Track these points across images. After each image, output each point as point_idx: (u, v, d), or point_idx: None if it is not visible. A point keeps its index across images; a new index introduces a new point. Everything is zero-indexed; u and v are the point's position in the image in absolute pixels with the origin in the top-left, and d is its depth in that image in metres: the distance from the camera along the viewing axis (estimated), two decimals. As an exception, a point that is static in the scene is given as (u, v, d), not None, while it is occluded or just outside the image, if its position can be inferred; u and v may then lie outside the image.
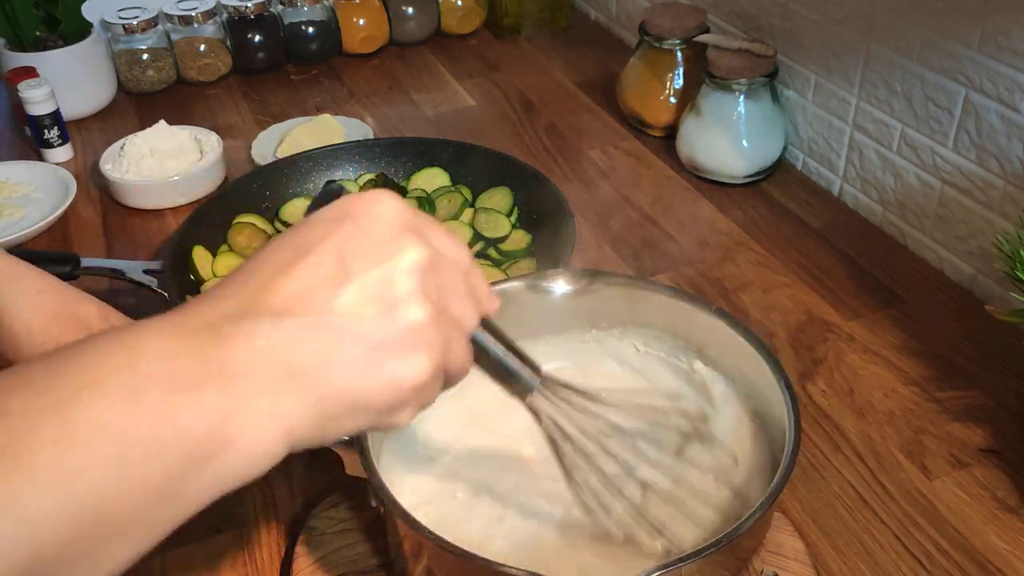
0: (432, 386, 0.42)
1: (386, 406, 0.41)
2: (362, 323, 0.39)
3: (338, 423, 0.40)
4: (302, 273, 0.39)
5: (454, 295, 0.43)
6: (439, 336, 0.41)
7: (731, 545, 0.49)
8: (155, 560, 0.68)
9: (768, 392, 0.60)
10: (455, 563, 0.51)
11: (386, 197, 0.42)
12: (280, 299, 0.39)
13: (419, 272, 0.41)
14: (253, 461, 0.38)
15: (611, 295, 0.67)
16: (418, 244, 0.41)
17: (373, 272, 0.40)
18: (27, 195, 1.12)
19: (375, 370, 0.40)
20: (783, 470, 0.52)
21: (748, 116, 1.06)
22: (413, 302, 0.40)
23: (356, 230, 0.41)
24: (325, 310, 0.39)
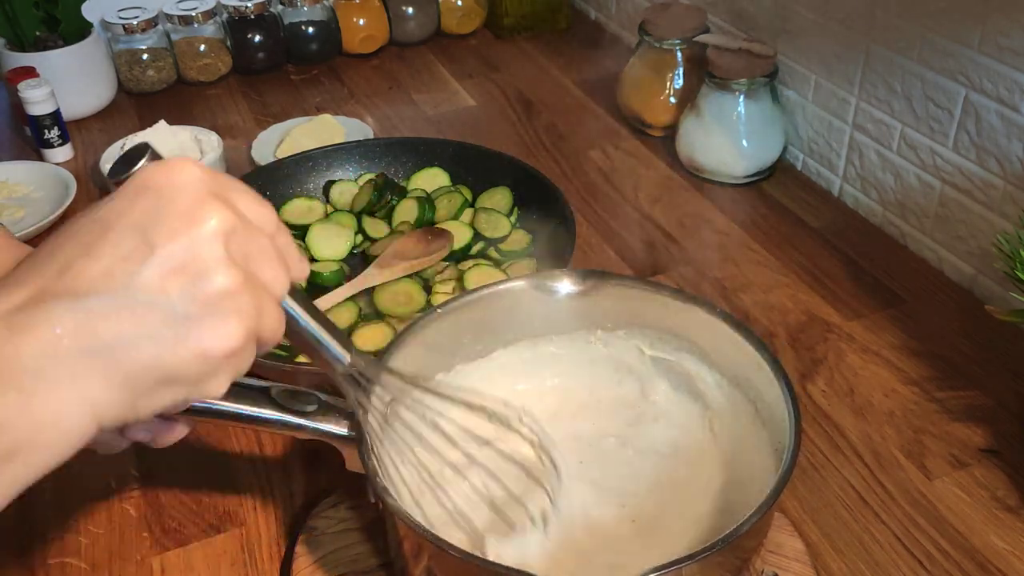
0: (245, 352, 0.42)
1: (197, 376, 0.40)
2: (166, 296, 0.39)
3: (149, 398, 0.40)
4: (102, 251, 0.39)
5: (263, 260, 0.43)
6: (249, 301, 0.41)
7: (732, 545, 0.49)
8: (155, 560, 0.68)
9: (769, 393, 0.60)
10: (454, 563, 0.51)
11: (186, 165, 0.42)
12: (81, 281, 0.38)
13: (223, 238, 0.40)
14: (59, 450, 0.38)
15: (616, 296, 0.67)
16: (221, 210, 0.41)
17: (176, 243, 0.39)
18: (27, 195, 1.12)
19: (182, 342, 0.39)
20: (783, 471, 0.52)
21: (748, 116, 1.06)
22: (219, 269, 0.40)
23: (157, 202, 0.40)
24: (127, 286, 0.38)
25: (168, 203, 0.40)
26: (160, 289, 0.39)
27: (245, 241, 0.42)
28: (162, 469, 0.75)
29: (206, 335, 0.39)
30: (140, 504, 0.72)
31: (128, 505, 0.72)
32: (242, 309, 0.40)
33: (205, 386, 0.41)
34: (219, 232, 0.40)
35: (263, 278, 0.42)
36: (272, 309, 0.43)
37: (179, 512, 0.72)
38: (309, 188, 1.04)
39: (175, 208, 0.40)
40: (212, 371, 0.41)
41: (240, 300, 0.40)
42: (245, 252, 0.41)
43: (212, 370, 0.41)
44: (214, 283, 0.39)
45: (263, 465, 0.75)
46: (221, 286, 0.40)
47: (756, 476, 0.59)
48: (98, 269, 0.38)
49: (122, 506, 0.72)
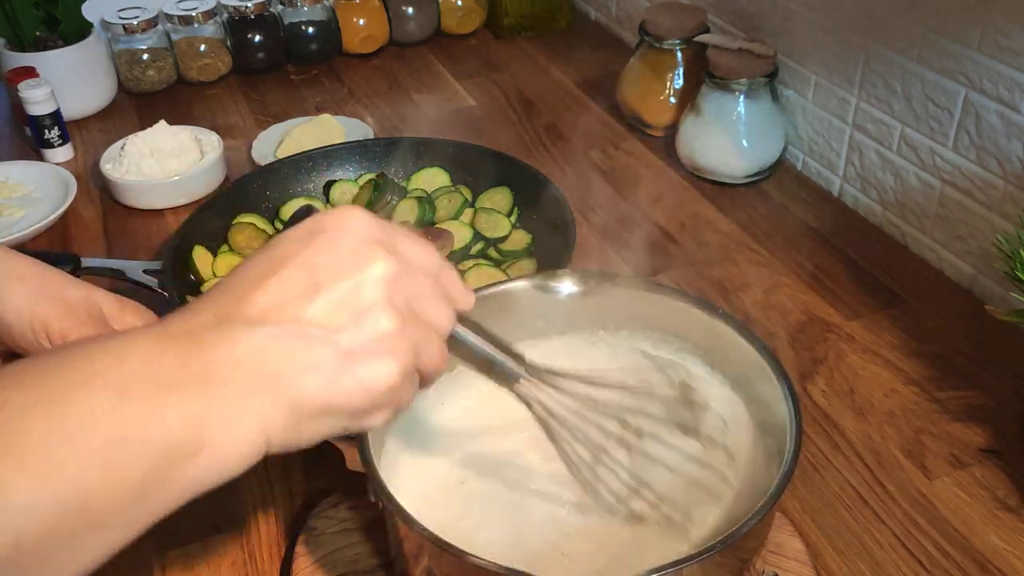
0: (404, 388, 0.45)
1: (358, 409, 0.43)
2: (332, 331, 0.42)
3: (313, 425, 0.42)
4: (275, 286, 0.42)
5: (426, 300, 0.46)
6: (406, 342, 0.44)
7: (732, 546, 0.49)
8: (155, 560, 0.68)
9: (770, 395, 0.59)
10: (454, 563, 0.51)
11: (355, 212, 0.45)
12: (255, 310, 0.41)
13: (386, 283, 0.43)
14: (230, 461, 0.40)
15: (619, 296, 0.67)
16: (385, 257, 0.44)
17: (342, 284, 0.42)
18: (27, 195, 1.12)
19: (345, 375, 0.42)
20: (784, 472, 0.52)
21: (748, 116, 1.06)
22: (380, 311, 0.43)
23: (326, 245, 0.43)
24: (297, 319, 0.41)
25: (336, 247, 0.43)
26: (326, 324, 0.42)
27: (408, 284, 0.44)
28: (162, 469, 0.75)
29: (366, 372, 0.42)
30: (140, 504, 0.72)
31: (128, 505, 0.72)
32: (399, 349, 0.43)
33: (366, 419, 0.44)
34: (382, 276, 0.43)
35: (427, 317, 0.45)
36: (434, 345, 0.46)
37: (179, 512, 0.71)
38: (309, 188, 1.04)
39: (342, 251, 0.43)
40: (373, 405, 0.44)
41: (397, 340, 0.43)
42: (407, 295, 0.44)
43: (372, 404, 0.43)
44: (374, 324, 0.43)
45: (263, 465, 0.75)
46: (381, 328, 0.43)
47: (757, 479, 0.59)
48: (270, 301, 0.42)
49: (122, 506, 0.72)
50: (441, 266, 0.48)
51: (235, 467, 0.41)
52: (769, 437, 0.60)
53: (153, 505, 0.39)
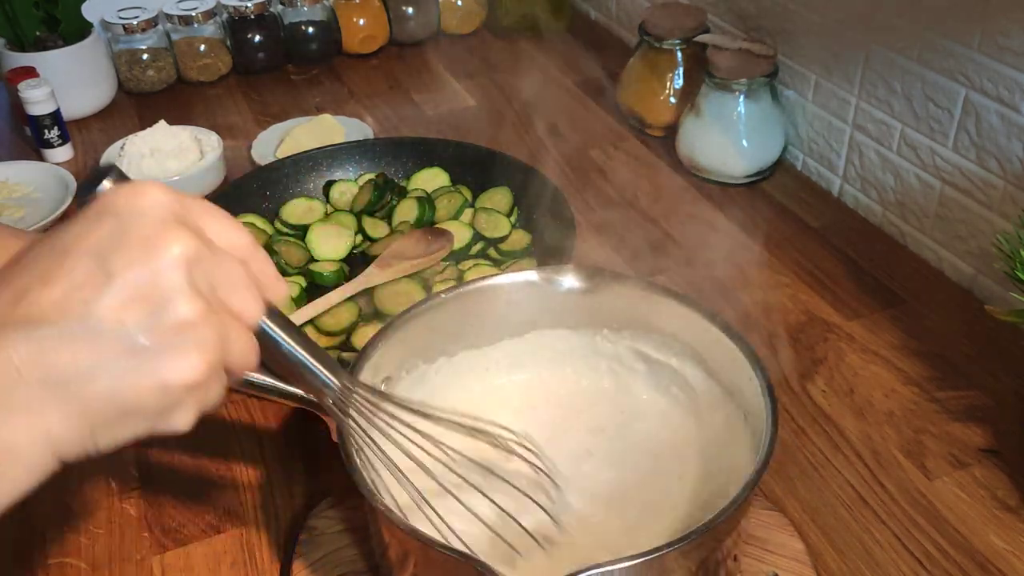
0: (210, 384, 0.40)
1: (158, 409, 0.39)
2: (123, 327, 0.37)
3: (110, 431, 0.39)
4: (59, 279, 0.37)
5: (232, 287, 0.41)
6: (212, 332, 0.39)
7: (699, 543, 0.50)
8: (155, 560, 0.68)
9: (755, 401, 0.59)
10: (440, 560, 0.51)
11: (149, 188, 0.40)
12: (36, 309, 0.37)
13: (186, 266, 0.39)
14: (18, 481, 0.37)
15: (622, 296, 0.68)
16: (185, 237, 0.39)
17: (135, 271, 0.38)
18: (27, 195, 1.12)
19: (140, 374, 0.38)
20: (757, 467, 0.53)
21: (748, 116, 1.06)
22: (179, 299, 0.38)
23: (117, 227, 0.38)
24: (83, 316, 0.37)
25: (128, 229, 0.38)
26: (117, 319, 0.37)
27: (212, 269, 0.40)
28: (162, 469, 0.75)
29: (165, 368, 0.38)
30: (140, 504, 0.72)
31: (128, 505, 0.72)
32: (204, 340, 0.39)
33: (169, 419, 0.40)
34: (181, 260, 0.39)
35: (233, 306, 0.41)
36: (242, 337, 0.42)
37: (179, 512, 0.72)
38: (309, 188, 1.04)
39: (135, 234, 0.38)
40: (174, 404, 0.40)
41: (202, 331, 0.39)
42: (211, 280, 0.40)
43: (174, 403, 0.39)
44: (174, 314, 0.38)
45: (263, 465, 0.75)
46: (181, 317, 0.38)
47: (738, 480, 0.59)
48: (53, 297, 0.37)
49: (122, 506, 0.72)
50: (252, 248, 0.43)
51: (23, 486, 0.38)
52: (753, 441, 0.60)
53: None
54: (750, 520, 0.66)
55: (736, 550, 0.58)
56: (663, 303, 0.66)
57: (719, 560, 0.55)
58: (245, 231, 0.44)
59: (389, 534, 0.55)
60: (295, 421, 0.79)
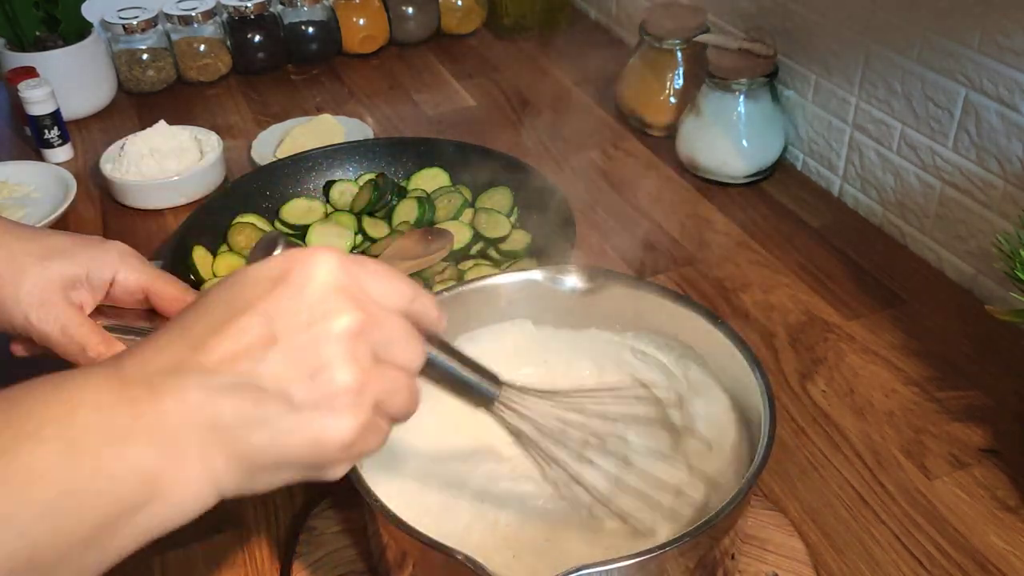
0: (365, 439, 0.43)
1: (312, 463, 0.43)
2: (285, 387, 0.40)
3: (266, 476, 0.42)
4: (232, 334, 0.41)
5: (395, 345, 0.44)
6: (367, 397, 0.42)
7: (705, 533, 0.50)
8: (155, 560, 0.68)
9: (755, 400, 0.59)
10: (437, 559, 0.51)
11: (323, 257, 0.43)
12: (211, 359, 0.40)
13: (348, 337, 0.42)
14: (182, 510, 0.40)
15: (625, 297, 0.68)
16: (350, 309, 0.42)
17: (300, 337, 0.41)
18: (27, 195, 1.12)
19: (296, 432, 0.41)
20: (757, 462, 0.53)
21: (748, 116, 1.06)
22: (338, 367, 0.41)
23: (288, 293, 0.42)
24: (252, 372, 0.40)
25: (298, 296, 0.42)
26: (280, 379, 0.40)
27: (375, 333, 0.43)
28: (162, 469, 0.75)
29: (319, 429, 0.41)
30: (140, 504, 0.72)
31: (128, 505, 0.72)
32: (358, 405, 0.42)
33: (323, 472, 0.43)
34: (344, 331, 0.42)
35: (397, 361, 0.44)
36: (404, 390, 0.45)
37: (179, 512, 0.71)
38: (309, 188, 1.04)
39: (304, 302, 0.42)
40: (327, 460, 0.43)
41: (356, 397, 0.42)
42: (375, 343, 0.43)
43: (327, 460, 0.43)
44: (333, 381, 0.41)
45: (263, 465, 0.75)
46: (340, 384, 0.41)
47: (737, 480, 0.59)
48: (227, 350, 0.40)
49: (122, 506, 0.72)
50: (413, 297, 0.46)
51: (186, 516, 0.40)
52: (752, 442, 0.60)
53: (102, 555, 0.38)
54: (749, 520, 0.66)
55: (734, 549, 0.58)
56: (663, 303, 0.66)
57: (717, 559, 0.55)
58: (407, 283, 0.46)
59: (388, 534, 0.55)
60: (295, 421, 0.79)
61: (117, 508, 0.37)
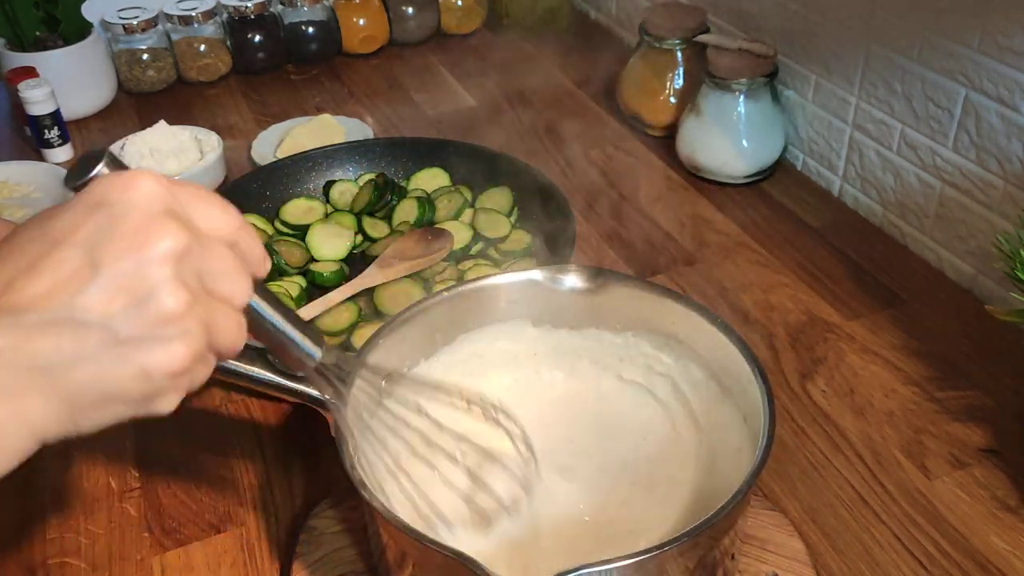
0: (196, 369, 0.42)
1: (142, 395, 0.41)
2: (109, 318, 0.39)
3: (92, 415, 0.40)
4: (47, 270, 0.38)
5: (221, 274, 0.42)
6: (196, 322, 0.41)
7: (704, 533, 0.50)
8: (155, 560, 0.68)
9: (755, 403, 0.59)
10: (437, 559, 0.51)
11: (142, 179, 0.41)
12: (23, 297, 0.38)
13: (173, 260, 0.40)
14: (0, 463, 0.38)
15: (624, 297, 0.68)
16: (174, 231, 0.40)
17: (122, 264, 0.39)
18: (27, 195, 1.12)
19: (122, 363, 0.39)
20: (757, 462, 0.53)
21: (748, 116, 1.06)
22: (164, 293, 0.39)
23: (107, 220, 0.39)
24: (69, 306, 0.38)
25: (118, 221, 0.39)
26: (102, 311, 0.38)
27: (200, 259, 0.41)
28: (162, 469, 0.75)
29: (147, 357, 0.39)
30: (140, 504, 0.72)
31: (128, 505, 0.72)
32: (189, 331, 0.40)
33: (152, 404, 0.41)
34: (168, 255, 0.39)
35: (222, 291, 0.42)
36: (230, 321, 0.43)
37: (179, 512, 0.72)
38: (309, 188, 1.04)
39: (125, 227, 0.39)
40: (158, 390, 0.41)
41: (185, 322, 0.40)
42: (200, 270, 0.41)
43: (157, 390, 0.41)
44: (159, 306, 0.39)
45: (263, 465, 0.75)
46: (166, 309, 0.39)
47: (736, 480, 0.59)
48: (41, 288, 0.38)
49: (122, 506, 0.72)
50: (239, 228, 0.44)
51: (5, 467, 0.38)
52: (752, 443, 0.60)
53: None
54: (749, 520, 0.66)
55: (734, 549, 0.58)
56: (663, 304, 0.66)
57: (716, 559, 0.55)
58: (233, 212, 0.44)
59: (387, 535, 0.55)
60: (295, 420, 0.79)
61: None
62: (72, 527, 0.70)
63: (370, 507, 0.52)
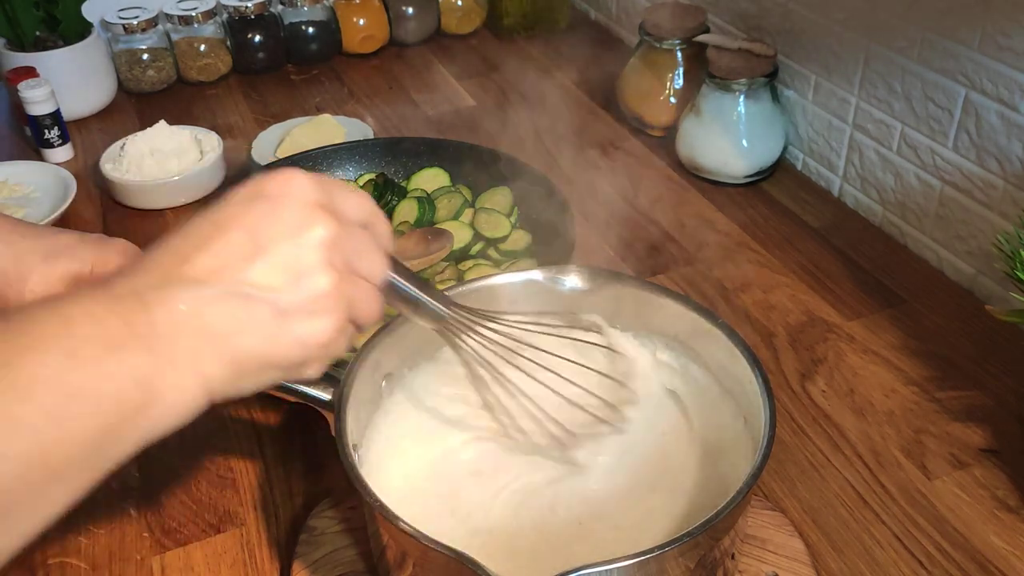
0: (338, 341, 0.47)
1: (294, 363, 0.46)
2: (270, 292, 0.44)
3: (252, 378, 0.45)
4: (217, 248, 0.44)
5: (362, 256, 0.48)
6: (341, 300, 0.46)
7: (704, 533, 0.50)
8: (155, 560, 0.68)
9: (754, 403, 0.59)
10: (437, 559, 0.51)
11: (296, 176, 0.46)
12: (198, 271, 0.43)
13: (325, 246, 0.45)
14: (177, 412, 0.42)
15: (625, 297, 0.68)
16: (326, 220, 0.46)
17: (282, 247, 0.44)
18: (27, 195, 1.12)
19: (283, 333, 0.44)
20: (757, 462, 0.53)
21: (748, 116, 1.06)
22: (318, 273, 0.45)
23: (268, 209, 0.45)
24: (238, 280, 0.43)
25: (278, 210, 0.45)
26: (266, 286, 0.44)
27: (346, 243, 0.47)
28: (162, 469, 0.75)
29: (303, 329, 0.45)
30: (140, 504, 0.72)
31: (128, 505, 0.72)
32: (335, 307, 0.46)
33: (302, 370, 0.47)
34: (321, 240, 0.45)
35: (362, 271, 0.48)
36: (370, 297, 0.49)
37: (179, 512, 0.72)
38: (309, 188, 1.04)
39: (284, 215, 0.45)
40: (307, 359, 0.46)
41: (333, 300, 0.46)
42: (346, 253, 0.47)
43: (307, 358, 0.46)
44: (313, 285, 0.45)
45: (263, 465, 0.75)
46: (320, 287, 0.45)
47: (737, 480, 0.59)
48: (213, 263, 0.43)
49: (122, 506, 0.72)
50: (375, 214, 0.51)
51: (181, 418, 0.43)
52: (753, 443, 0.60)
53: (108, 456, 0.41)
54: (749, 520, 0.66)
55: (734, 549, 0.58)
56: (663, 303, 0.66)
57: (717, 559, 0.55)
58: (369, 200, 0.51)
59: (388, 534, 0.55)
60: (295, 420, 0.79)
61: (118, 410, 0.40)
62: (72, 527, 0.70)
63: (370, 507, 0.52)
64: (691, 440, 0.66)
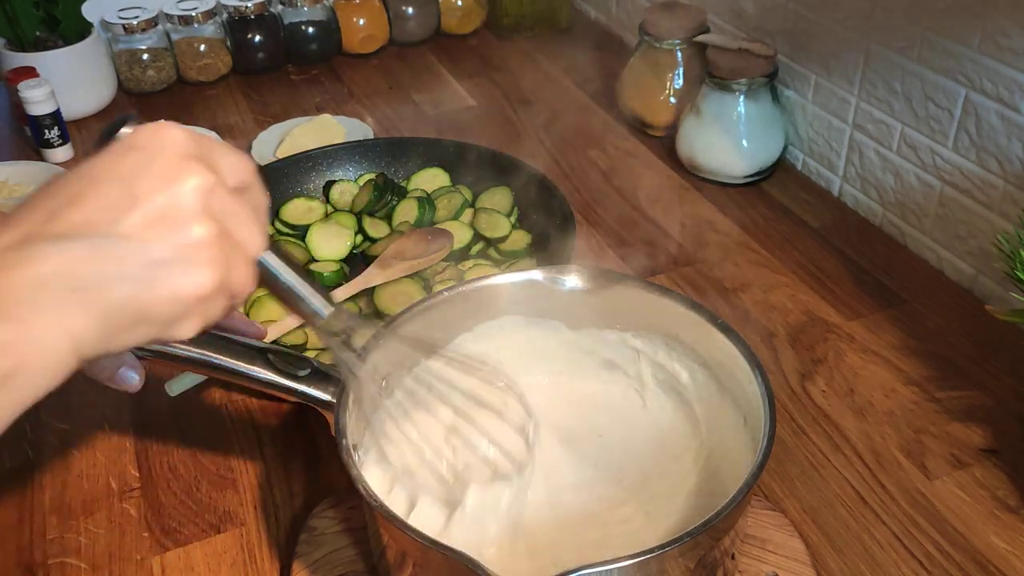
0: (216, 300, 0.45)
1: (169, 317, 0.44)
2: (146, 243, 0.42)
3: (124, 334, 0.43)
4: (89, 201, 0.42)
5: (239, 219, 0.46)
6: (221, 254, 0.44)
7: (705, 533, 0.50)
8: (155, 560, 0.68)
9: (753, 401, 0.59)
10: (437, 559, 0.51)
11: (170, 128, 0.45)
12: (66, 225, 0.41)
13: (202, 194, 0.43)
14: (45, 377, 0.41)
15: (625, 297, 0.68)
16: (202, 170, 0.44)
17: (158, 197, 0.43)
18: (27, 195, 1.12)
19: (158, 284, 0.42)
20: (757, 462, 0.53)
21: (748, 116, 1.06)
22: (196, 221, 0.43)
23: (142, 159, 0.43)
24: (109, 233, 0.41)
25: (152, 160, 0.43)
26: (140, 236, 0.42)
27: (223, 200, 0.45)
28: (162, 469, 0.75)
29: (180, 279, 0.43)
30: (140, 504, 0.72)
31: (128, 505, 0.72)
32: (215, 259, 0.44)
33: (176, 327, 0.45)
34: (198, 189, 0.43)
35: (238, 236, 0.46)
36: (243, 264, 0.46)
37: (179, 512, 0.72)
38: (309, 188, 1.04)
39: (159, 165, 0.43)
40: (183, 314, 0.44)
41: (212, 250, 0.43)
42: (222, 210, 0.44)
43: (183, 313, 0.44)
44: (191, 233, 0.43)
45: (263, 465, 0.75)
46: (197, 236, 0.43)
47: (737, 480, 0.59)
48: (83, 216, 0.41)
49: (122, 506, 0.72)
50: (254, 182, 0.49)
51: (51, 381, 0.41)
52: (753, 443, 0.60)
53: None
54: (749, 520, 0.66)
55: (734, 549, 0.58)
56: (663, 304, 0.66)
57: (717, 559, 0.55)
58: (248, 162, 0.48)
59: (388, 534, 0.55)
60: (295, 420, 0.79)
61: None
62: (72, 527, 0.70)
63: (370, 507, 0.52)
64: (691, 440, 0.66)
